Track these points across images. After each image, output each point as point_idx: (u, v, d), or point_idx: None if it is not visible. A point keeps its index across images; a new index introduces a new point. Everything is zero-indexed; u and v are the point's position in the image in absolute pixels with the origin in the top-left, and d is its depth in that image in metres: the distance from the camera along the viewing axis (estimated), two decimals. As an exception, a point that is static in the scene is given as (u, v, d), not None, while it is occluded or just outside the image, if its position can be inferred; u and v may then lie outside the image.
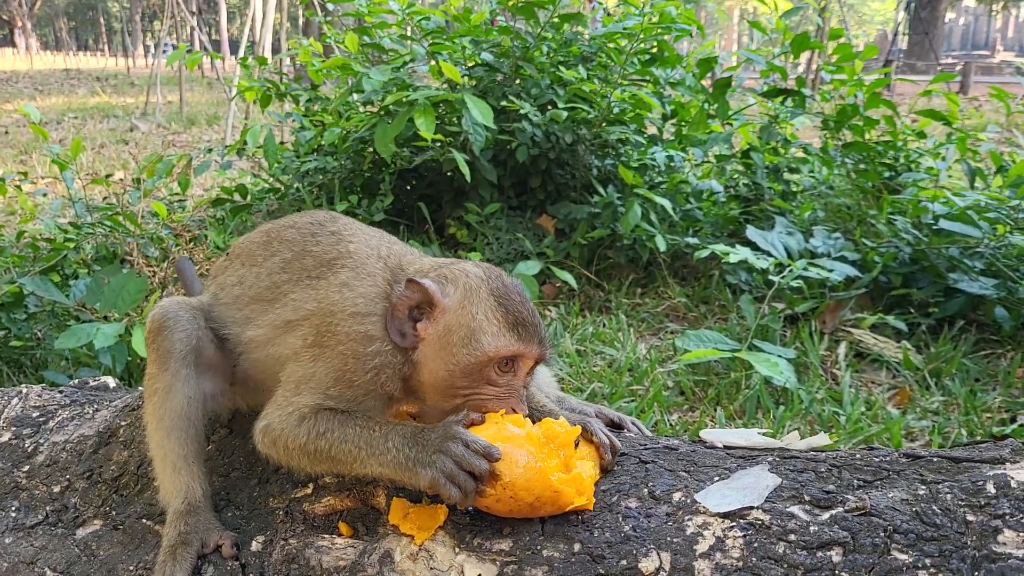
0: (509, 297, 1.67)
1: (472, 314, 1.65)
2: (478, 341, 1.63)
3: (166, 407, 1.80)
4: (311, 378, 1.69)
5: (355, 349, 1.67)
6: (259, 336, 1.84)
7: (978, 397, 3.54)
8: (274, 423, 1.68)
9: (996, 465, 1.51)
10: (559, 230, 5.35)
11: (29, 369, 3.90)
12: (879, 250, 4.62)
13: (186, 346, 1.83)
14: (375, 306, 1.70)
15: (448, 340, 1.64)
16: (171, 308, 1.88)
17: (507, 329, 1.64)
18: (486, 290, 1.67)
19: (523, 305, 1.68)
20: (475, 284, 1.68)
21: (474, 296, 1.66)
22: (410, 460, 1.55)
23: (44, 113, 15.25)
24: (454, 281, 1.69)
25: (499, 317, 1.65)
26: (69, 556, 1.84)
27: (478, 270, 1.72)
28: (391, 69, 5.25)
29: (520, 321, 1.66)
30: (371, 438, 1.60)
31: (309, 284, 1.79)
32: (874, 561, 1.35)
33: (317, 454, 1.64)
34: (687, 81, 5.54)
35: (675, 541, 1.48)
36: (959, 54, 38.69)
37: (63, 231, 4.73)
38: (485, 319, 1.64)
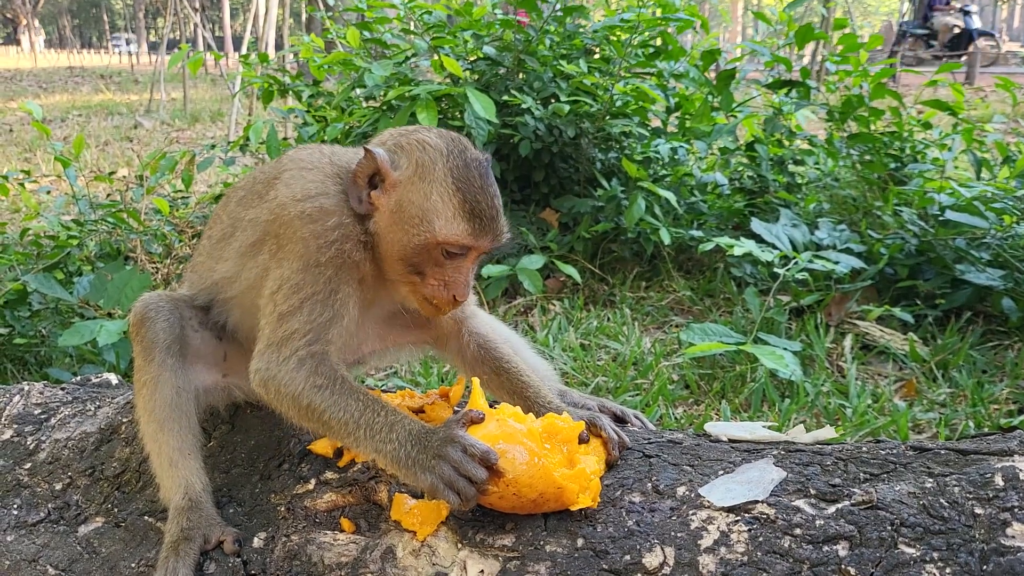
0: (468, 180, 1.59)
1: (426, 193, 1.59)
2: (429, 223, 1.58)
3: (155, 399, 1.79)
4: (284, 281, 1.64)
5: (312, 229, 1.63)
6: (229, 271, 1.82)
7: (985, 389, 3.51)
8: (270, 364, 1.63)
9: (1004, 457, 1.49)
10: (563, 224, 5.33)
11: (33, 367, 3.90)
12: (885, 242, 4.59)
13: (169, 336, 1.83)
14: (326, 185, 1.67)
15: (400, 215, 1.61)
16: (152, 300, 1.88)
17: (462, 219, 1.58)
18: (443, 167, 1.60)
19: (483, 191, 1.60)
20: (431, 159, 1.61)
21: (429, 173, 1.60)
22: (411, 459, 1.51)
23: (48, 111, 15.29)
24: (408, 153, 1.62)
25: (455, 203, 1.58)
26: (71, 554, 1.84)
27: (440, 142, 1.63)
28: (393, 64, 5.23)
29: (476, 211, 1.58)
30: (373, 421, 1.56)
31: (259, 200, 1.78)
32: (881, 555, 1.33)
33: (310, 410, 1.60)
34: (691, 73, 5.50)
35: (679, 536, 1.47)
36: (965, 44, 38.42)
37: (66, 228, 4.72)
38: (440, 201, 1.58)
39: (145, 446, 1.83)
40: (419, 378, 3.79)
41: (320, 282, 1.63)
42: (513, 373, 1.88)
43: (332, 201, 1.66)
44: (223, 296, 1.89)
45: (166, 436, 1.78)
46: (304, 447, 1.86)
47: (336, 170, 1.71)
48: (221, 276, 1.86)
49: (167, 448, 1.78)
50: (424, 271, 1.64)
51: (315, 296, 1.63)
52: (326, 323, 1.64)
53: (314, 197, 1.66)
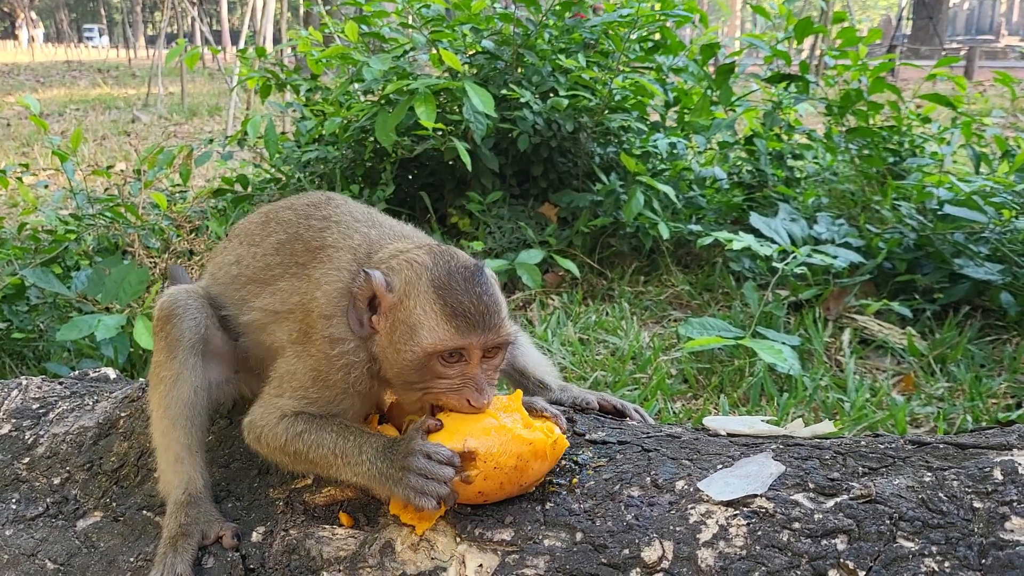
0: (450, 286, 1.58)
1: (410, 308, 1.59)
2: (416, 336, 1.57)
3: (172, 396, 1.79)
4: (292, 376, 1.69)
5: (325, 351, 1.66)
6: (254, 320, 1.84)
7: (983, 383, 3.52)
8: (256, 420, 1.70)
9: (1003, 451, 1.49)
10: (561, 218, 5.33)
11: (32, 361, 3.89)
12: (883, 236, 4.59)
13: (195, 335, 1.83)
14: (337, 306, 1.67)
15: (393, 336, 1.60)
16: (180, 296, 1.86)
17: (444, 321, 1.57)
18: (426, 281, 1.59)
19: (466, 293, 1.58)
20: (416, 275, 1.60)
21: (413, 289, 1.60)
22: (383, 475, 1.56)
23: (46, 105, 15.24)
24: (399, 273, 1.62)
25: (436, 310, 1.57)
26: (69, 548, 1.84)
27: (427, 258, 1.63)
28: (391, 58, 5.21)
29: (459, 311, 1.57)
30: (345, 447, 1.61)
31: (295, 274, 1.77)
32: (879, 549, 1.33)
33: (296, 455, 1.66)
34: (690, 68, 5.49)
35: (678, 530, 1.47)
36: (963, 39, 38.41)
37: (64, 223, 4.71)
38: (423, 313, 1.58)
39: (153, 440, 1.82)
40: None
41: (325, 396, 1.68)
42: None
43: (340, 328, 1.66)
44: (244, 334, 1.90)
45: (177, 433, 1.78)
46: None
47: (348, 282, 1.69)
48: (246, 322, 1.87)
49: (176, 445, 1.78)
50: (430, 388, 1.63)
51: (317, 401, 1.68)
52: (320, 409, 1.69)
53: (329, 319, 1.67)
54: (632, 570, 1.44)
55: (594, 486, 1.60)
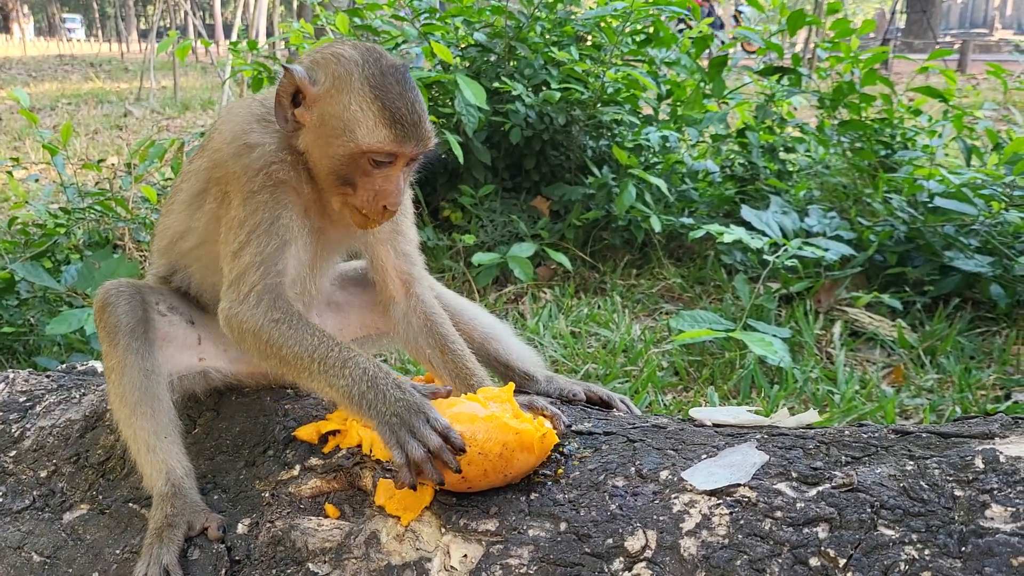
0: (386, 88, 1.60)
1: (344, 104, 1.60)
2: (352, 133, 1.60)
3: (124, 382, 1.79)
4: (233, 223, 1.69)
5: (241, 163, 1.68)
6: (180, 224, 1.87)
7: (973, 375, 3.53)
8: (232, 302, 1.68)
9: (985, 440, 1.49)
10: (554, 212, 5.32)
11: (22, 355, 3.88)
12: (875, 229, 4.60)
13: (132, 319, 1.83)
14: (251, 124, 1.72)
15: (323, 129, 1.63)
16: (112, 286, 1.89)
17: (383, 126, 1.59)
18: (359, 77, 1.60)
19: (402, 97, 1.60)
20: (346, 70, 1.62)
21: (345, 84, 1.61)
22: (363, 398, 1.55)
23: (37, 100, 15.16)
24: (325, 67, 1.64)
25: (374, 111, 1.59)
26: (56, 540, 1.83)
27: (354, 53, 1.65)
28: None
29: (397, 117, 1.59)
30: (327, 355, 1.59)
31: (200, 152, 1.84)
32: (860, 537, 1.34)
33: (270, 345, 1.64)
34: (682, 61, 5.49)
35: (661, 519, 1.47)
36: (957, 32, 38.43)
37: (54, 217, 4.70)
38: (360, 111, 1.59)
39: (121, 432, 1.82)
40: (408, 366, 3.79)
41: (260, 212, 1.68)
42: (458, 356, 1.90)
43: (256, 136, 1.70)
44: (180, 254, 1.93)
45: (139, 420, 1.78)
46: (289, 433, 1.85)
47: (264, 111, 1.75)
48: (174, 231, 1.90)
49: (142, 432, 1.77)
50: (354, 182, 1.66)
51: (259, 227, 1.67)
52: (274, 252, 1.68)
53: (240, 136, 1.71)
54: (615, 559, 1.44)
55: (579, 476, 1.60)
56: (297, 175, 1.70)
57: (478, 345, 2.07)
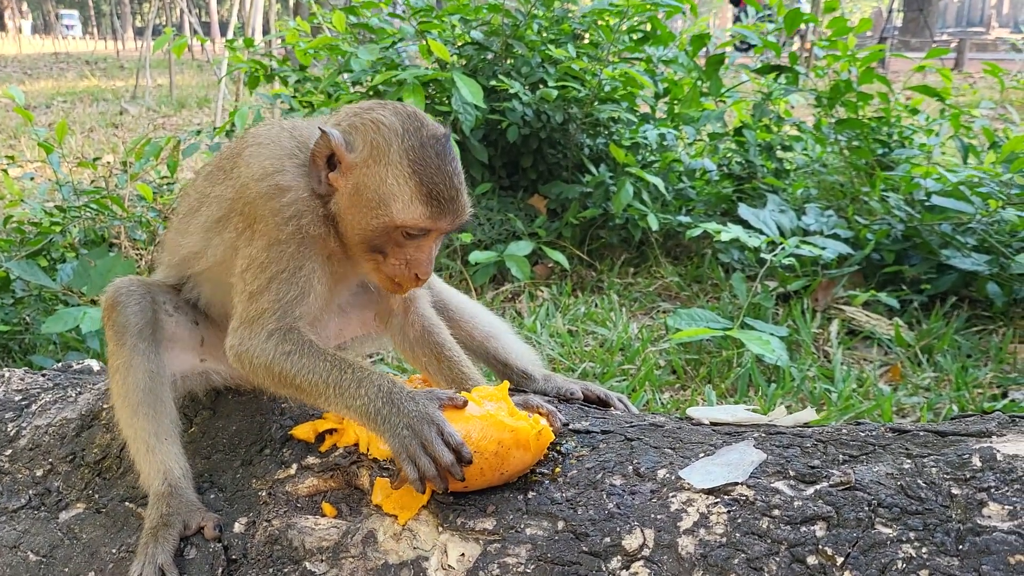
0: (425, 162, 1.58)
1: (381, 176, 1.58)
2: (387, 207, 1.58)
3: (128, 383, 1.78)
4: (253, 263, 1.67)
5: (271, 206, 1.65)
6: (195, 246, 1.84)
7: (969, 373, 3.53)
8: (243, 339, 1.67)
9: (982, 438, 1.50)
10: (551, 210, 5.32)
11: (17, 354, 3.87)
12: (872, 227, 4.60)
13: (141, 320, 1.82)
14: (283, 163, 1.68)
15: (358, 198, 1.61)
16: (123, 284, 1.87)
17: (419, 202, 1.58)
18: (398, 150, 1.58)
19: (440, 172, 1.59)
20: (385, 140, 1.59)
21: (383, 155, 1.59)
22: (381, 416, 1.54)
23: (33, 97, 15.12)
24: (363, 134, 1.61)
25: (411, 187, 1.57)
26: (52, 539, 1.83)
27: (395, 121, 1.61)
28: (380, 48, 5.19)
29: (435, 193, 1.58)
30: (341, 379, 1.59)
31: (224, 176, 1.79)
32: (858, 535, 1.34)
33: (283, 377, 1.63)
34: (680, 59, 5.48)
35: (659, 518, 1.47)
36: (954, 31, 38.47)
37: (50, 215, 4.68)
38: (396, 185, 1.57)
39: (121, 431, 1.82)
40: (406, 364, 3.78)
41: (284, 259, 1.65)
42: (454, 362, 1.90)
43: (288, 178, 1.67)
44: (191, 271, 1.91)
45: (141, 421, 1.77)
46: (286, 432, 1.85)
47: (294, 145, 1.71)
48: (188, 251, 1.88)
49: (143, 433, 1.77)
50: (385, 251, 1.66)
51: (281, 274, 1.65)
52: (293, 300, 1.66)
53: (271, 175, 1.67)
54: (613, 558, 1.44)
55: (577, 475, 1.60)
56: (326, 230, 1.68)
57: (478, 343, 2.07)
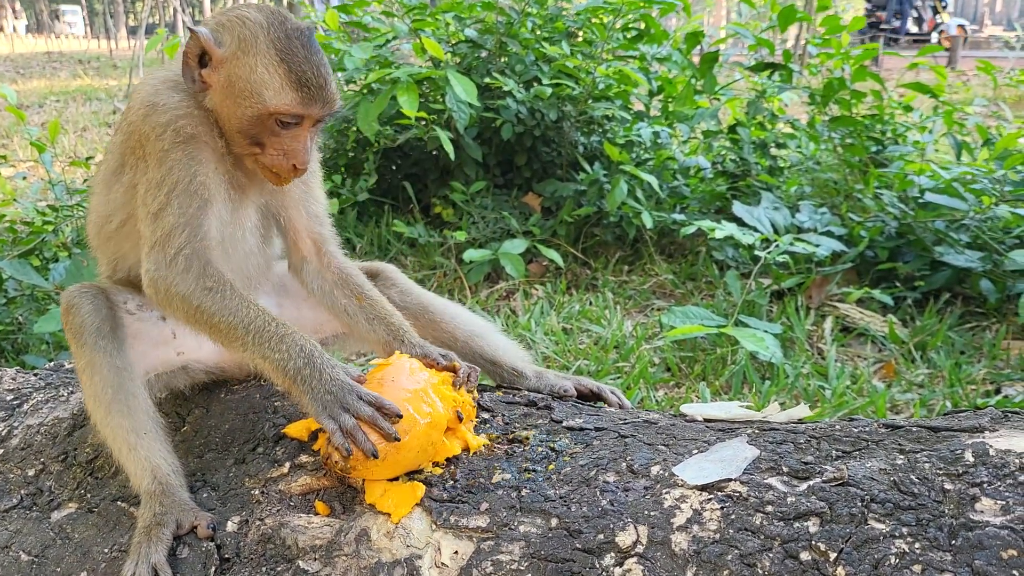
0: (292, 51, 1.64)
1: (251, 66, 1.64)
2: (259, 95, 1.64)
3: (96, 381, 1.77)
4: (151, 185, 1.69)
5: (150, 122, 1.69)
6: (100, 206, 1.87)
7: (963, 369, 3.54)
8: (159, 264, 1.68)
9: (975, 434, 1.50)
10: (545, 208, 5.32)
11: (10, 354, 3.85)
12: (865, 224, 4.61)
13: (96, 317, 1.81)
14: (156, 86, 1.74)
15: (230, 90, 1.67)
16: (76, 288, 1.88)
17: (289, 88, 1.64)
18: (265, 40, 1.65)
19: (308, 60, 1.65)
20: (252, 33, 1.66)
21: (251, 47, 1.65)
22: (298, 374, 1.60)
23: (25, 97, 15.04)
24: (230, 30, 1.68)
25: (280, 74, 1.64)
26: (44, 539, 1.82)
27: (259, 15, 1.68)
28: (373, 47, 5.18)
29: (304, 80, 1.64)
30: (264, 328, 1.63)
31: (117, 128, 1.84)
32: (851, 531, 1.34)
33: (200, 312, 1.66)
34: (674, 56, 5.48)
35: (652, 514, 1.47)
36: (948, 29, 38.49)
37: (42, 214, 4.66)
38: (266, 73, 1.64)
39: (101, 434, 1.80)
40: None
41: (176, 170, 1.69)
42: (375, 300, 1.92)
43: (164, 96, 1.72)
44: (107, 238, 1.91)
45: (116, 418, 1.76)
46: (279, 431, 1.84)
47: (168, 74, 1.77)
48: (97, 216, 1.90)
49: (121, 431, 1.76)
50: (263, 141, 1.71)
51: (177, 186, 1.68)
52: (197, 212, 1.69)
53: (147, 97, 1.72)
54: (606, 555, 1.44)
55: (570, 472, 1.60)
56: (208, 129, 1.72)
57: (462, 344, 2.06)
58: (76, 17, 49.78)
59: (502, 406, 1.88)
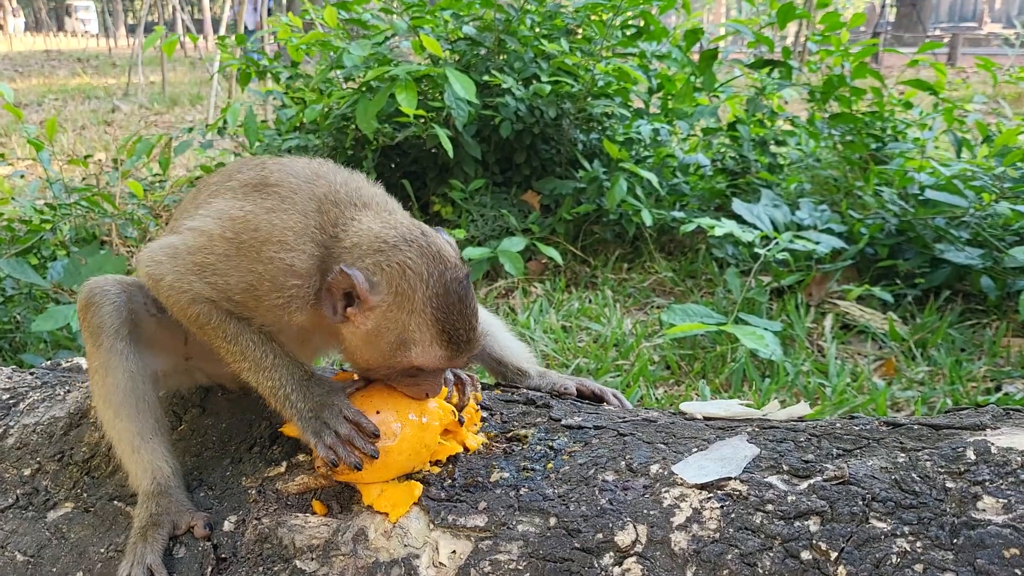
0: (448, 308, 1.56)
1: (404, 323, 1.55)
2: (407, 350, 1.57)
3: (108, 384, 1.75)
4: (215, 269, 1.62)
5: (274, 277, 1.59)
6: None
7: (963, 367, 3.53)
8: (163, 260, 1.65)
9: (977, 432, 1.49)
10: (544, 206, 5.30)
11: (8, 353, 3.84)
12: (865, 222, 4.60)
13: (117, 319, 1.77)
14: (301, 243, 1.60)
15: (376, 338, 1.58)
16: (98, 283, 1.81)
17: (439, 346, 1.56)
18: (423, 297, 1.55)
19: (461, 316, 1.57)
20: (411, 286, 1.55)
21: (407, 302, 1.55)
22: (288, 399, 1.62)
23: (24, 95, 15.03)
24: (389, 277, 1.55)
25: (434, 333, 1.56)
26: (40, 539, 1.81)
27: (420, 265, 1.56)
28: (372, 44, 5.16)
29: (455, 338, 1.57)
30: (259, 356, 1.63)
31: (233, 197, 1.70)
32: (852, 530, 1.33)
33: (199, 327, 1.66)
34: (673, 54, 5.47)
35: (652, 513, 1.46)
36: (947, 26, 38.50)
37: (40, 213, 4.65)
38: (418, 332, 1.55)
39: (105, 433, 1.79)
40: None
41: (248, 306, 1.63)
42: None
43: (300, 262, 1.60)
44: None
45: (123, 422, 1.74)
46: (276, 430, 1.83)
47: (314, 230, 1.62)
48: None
49: (126, 434, 1.74)
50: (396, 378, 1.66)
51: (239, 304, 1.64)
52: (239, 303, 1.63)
53: (290, 250, 1.60)
54: (605, 554, 1.42)
55: (569, 471, 1.59)
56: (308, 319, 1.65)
57: None
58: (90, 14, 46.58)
59: (500, 404, 1.87)
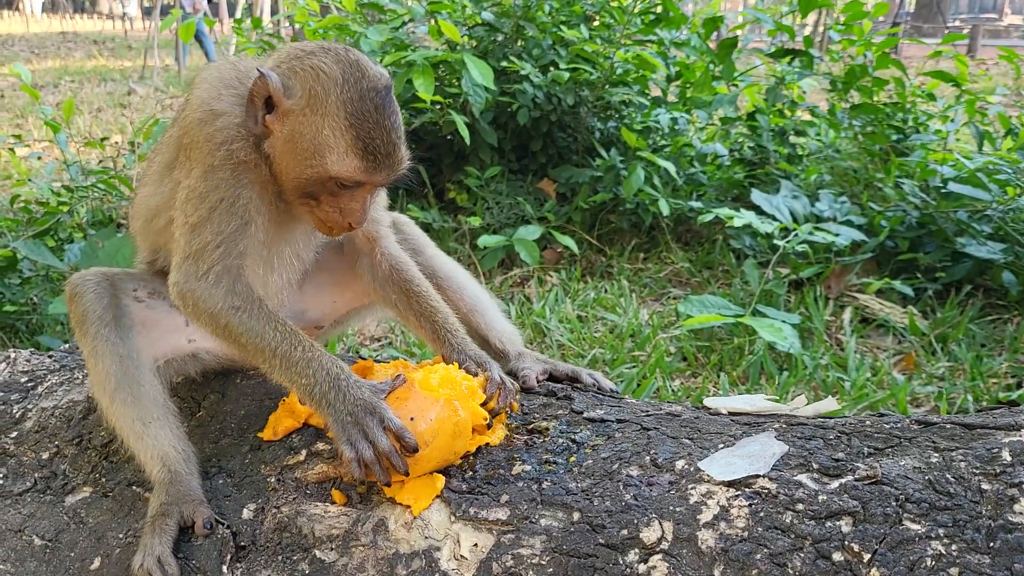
0: (363, 115, 1.55)
1: (317, 125, 1.55)
2: (321, 157, 1.56)
3: (99, 369, 1.75)
4: (192, 193, 1.64)
5: (205, 131, 1.63)
6: (150, 200, 1.83)
7: (984, 362, 3.49)
8: (189, 277, 1.65)
9: (1011, 432, 1.45)
10: (560, 194, 5.27)
11: (24, 334, 3.85)
12: (886, 214, 4.54)
13: (99, 305, 1.78)
14: (219, 91, 1.66)
15: (292, 145, 1.59)
16: (81, 275, 1.85)
17: (355, 155, 1.56)
18: (336, 100, 1.54)
19: (378, 125, 1.56)
20: (324, 89, 1.55)
21: (321, 105, 1.55)
22: (325, 399, 1.56)
23: (40, 77, 15.07)
24: (303, 80, 1.58)
25: (348, 139, 1.55)
26: (58, 524, 1.80)
27: (335, 69, 1.57)
28: (389, 29, 5.12)
29: (370, 147, 1.55)
30: (291, 353, 1.59)
31: (174, 122, 1.78)
32: (885, 531, 1.30)
33: (228, 331, 1.63)
34: (692, 42, 5.41)
35: (678, 510, 1.43)
36: (967, 17, 38.04)
37: (57, 195, 4.65)
38: (331, 136, 1.55)
39: (109, 422, 1.78)
40: (415, 348, 3.75)
41: (221, 188, 1.63)
42: (423, 296, 1.89)
43: (223, 104, 1.65)
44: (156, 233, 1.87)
45: (120, 407, 1.74)
46: (295, 417, 1.81)
47: (235, 76, 1.69)
48: (147, 209, 1.86)
49: (126, 419, 1.73)
50: (319, 198, 1.64)
51: (220, 204, 1.63)
52: (235, 232, 1.64)
53: (207, 101, 1.65)
54: (630, 551, 1.40)
55: (592, 465, 1.57)
56: (259, 156, 1.65)
57: (463, 315, 2.05)
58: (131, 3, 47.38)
59: (520, 395, 1.85)
